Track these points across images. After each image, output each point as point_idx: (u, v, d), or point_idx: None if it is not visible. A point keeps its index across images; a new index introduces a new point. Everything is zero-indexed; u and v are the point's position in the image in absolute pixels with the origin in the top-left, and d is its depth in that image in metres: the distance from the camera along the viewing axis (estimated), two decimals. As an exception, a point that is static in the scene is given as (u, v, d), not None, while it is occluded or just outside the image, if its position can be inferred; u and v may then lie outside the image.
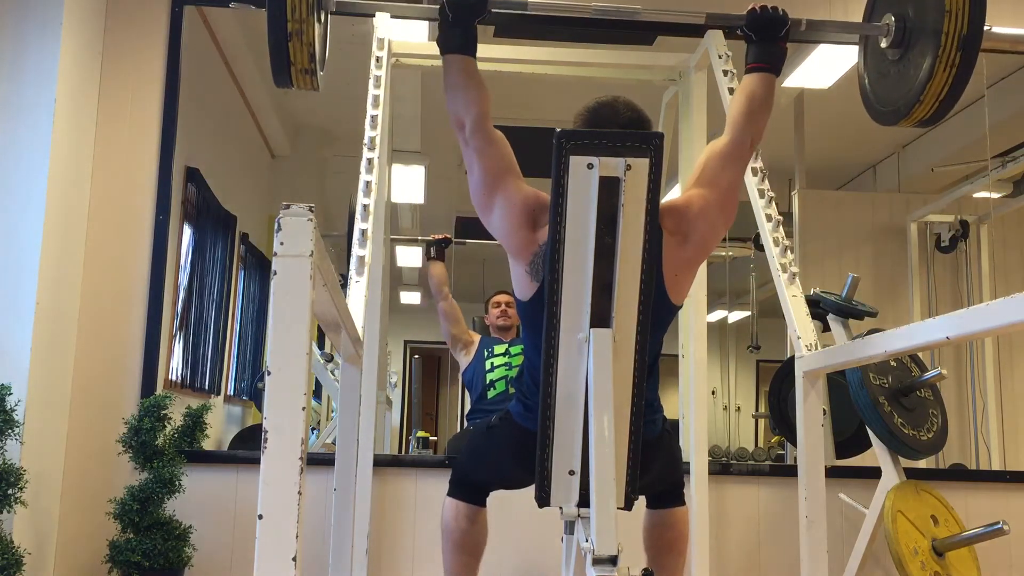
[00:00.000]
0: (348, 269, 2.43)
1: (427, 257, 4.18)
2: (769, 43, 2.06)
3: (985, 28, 1.87)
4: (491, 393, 3.90)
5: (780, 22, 2.05)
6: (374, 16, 3.44)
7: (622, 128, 1.89)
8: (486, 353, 3.99)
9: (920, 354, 3.43)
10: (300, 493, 1.26)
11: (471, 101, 1.99)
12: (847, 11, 3.85)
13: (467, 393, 4.27)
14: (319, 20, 1.82)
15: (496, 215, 1.98)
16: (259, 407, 4.93)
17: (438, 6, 1.99)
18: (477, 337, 4.10)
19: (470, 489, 2.19)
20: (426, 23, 3.75)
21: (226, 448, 4.39)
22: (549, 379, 1.76)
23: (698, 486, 3.26)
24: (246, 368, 5.05)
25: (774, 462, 4.90)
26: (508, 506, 2.33)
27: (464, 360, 4.05)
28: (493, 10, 2.01)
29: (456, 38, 2.01)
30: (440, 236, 4.16)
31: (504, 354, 3.96)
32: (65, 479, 3.19)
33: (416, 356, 5.72)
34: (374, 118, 2.88)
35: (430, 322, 4.15)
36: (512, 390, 3.62)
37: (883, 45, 2.06)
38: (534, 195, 1.98)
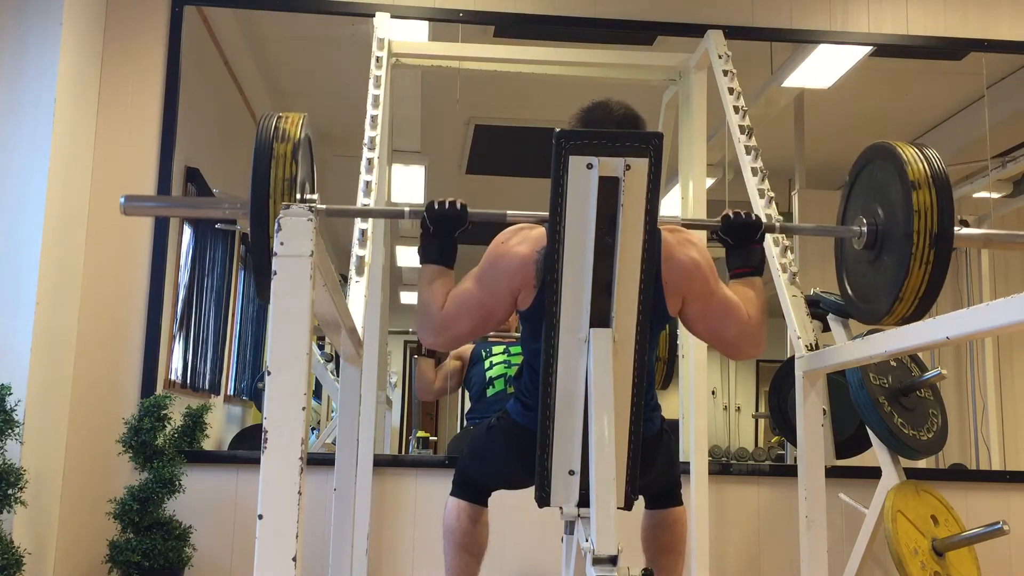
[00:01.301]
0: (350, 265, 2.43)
1: (418, 353, 3.95)
2: (746, 247, 2.09)
3: (955, 231, 1.92)
4: (490, 391, 3.89)
5: (754, 227, 2.08)
6: (374, 16, 3.45)
7: (617, 126, 1.91)
8: (484, 354, 3.98)
9: (920, 354, 3.43)
10: (300, 493, 1.26)
11: (434, 302, 2.02)
12: (847, 15, 3.86)
13: (467, 394, 4.27)
14: None
15: (506, 293, 1.98)
16: (259, 407, 4.92)
17: (420, 220, 2.01)
18: (467, 351, 4.08)
19: (472, 489, 2.19)
20: (426, 23, 3.75)
21: (226, 448, 4.39)
22: (549, 379, 1.76)
23: (698, 486, 3.26)
24: (246, 368, 5.04)
25: (774, 462, 4.89)
26: (508, 506, 2.32)
27: (464, 372, 4.04)
28: (472, 222, 2.01)
29: (435, 250, 2.04)
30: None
31: (503, 352, 3.96)
32: (65, 479, 3.19)
33: (416, 356, 5.71)
34: (374, 118, 2.89)
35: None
36: (511, 389, 3.62)
37: (857, 248, 2.08)
38: (495, 245, 1.99)
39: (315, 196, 1.91)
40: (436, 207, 2.00)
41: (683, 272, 1.98)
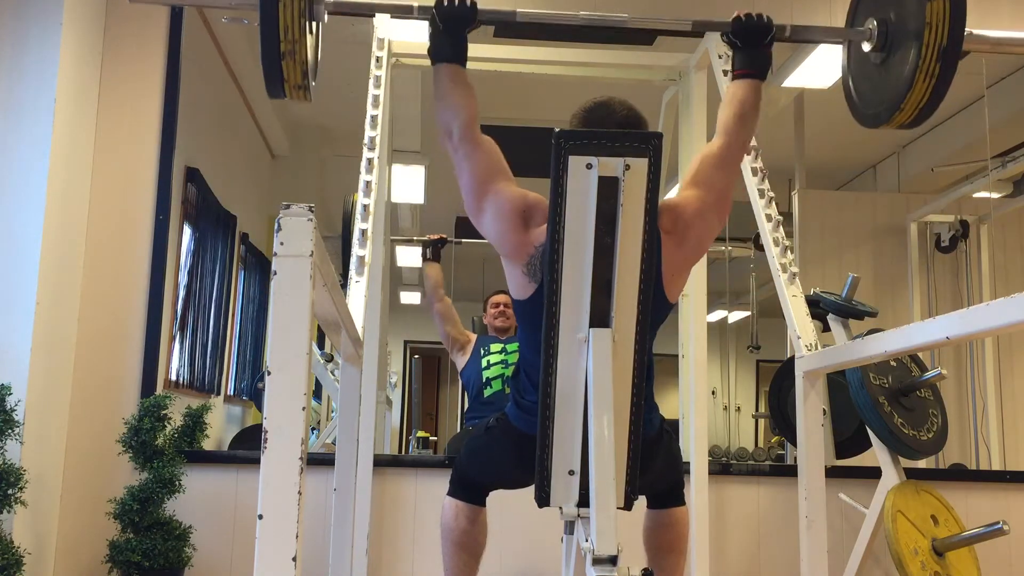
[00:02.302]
0: (346, 269, 2.43)
1: (423, 258, 4.18)
2: (754, 50, 2.09)
3: (966, 32, 1.89)
4: (487, 392, 3.90)
5: (765, 29, 2.07)
6: (374, 16, 3.44)
7: (618, 126, 1.91)
8: (482, 351, 3.99)
9: (920, 354, 3.43)
10: (300, 493, 1.26)
11: (459, 107, 2.01)
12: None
13: (465, 392, 4.27)
14: (311, 33, 1.82)
15: (487, 218, 1.99)
16: (259, 407, 4.93)
17: (428, 17, 2.01)
18: (474, 337, 4.10)
19: (470, 489, 2.19)
20: (426, 23, 3.75)
21: (226, 448, 4.39)
22: (548, 379, 1.76)
23: (698, 486, 3.26)
24: (246, 368, 5.05)
25: (774, 462, 4.90)
26: (508, 506, 2.33)
27: (461, 360, 4.04)
28: (482, 20, 2.02)
29: (446, 47, 2.03)
30: (436, 237, 4.14)
31: (501, 352, 3.96)
32: (65, 479, 3.19)
33: (416, 356, 5.72)
34: (374, 118, 2.88)
35: (430, 322, 4.14)
36: (508, 389, 3.63)
37: (866, 49, 2.07)
38: (522, 196, 1.98)
39: None
40: (445, 3, 1.98)
41: (691, 257, 2.03)
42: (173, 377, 3.80)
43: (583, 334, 1.72)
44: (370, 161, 2.74)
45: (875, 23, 2.04)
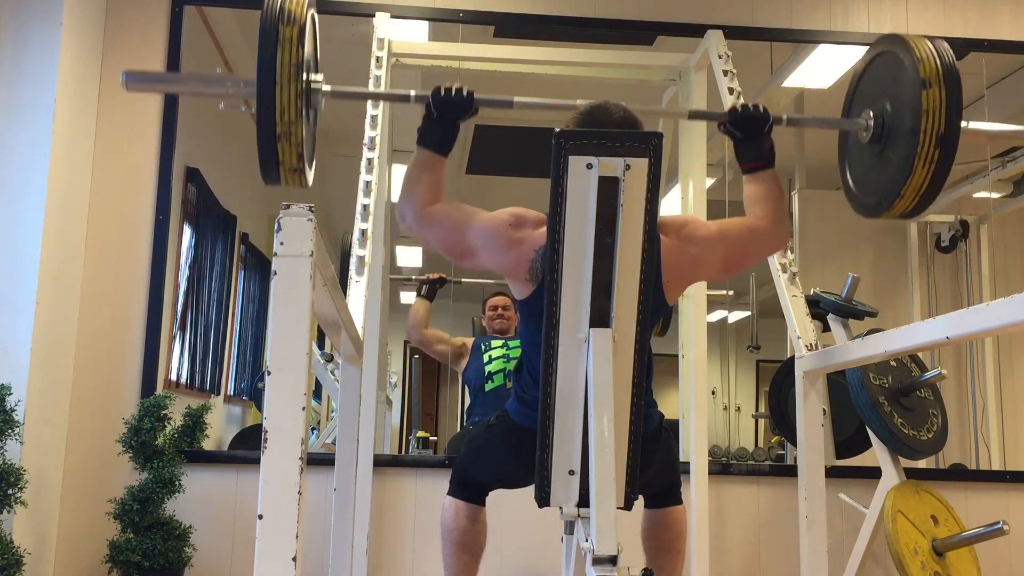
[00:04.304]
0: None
1: (417, 294, 4.11)
2: (755, 140, 2.07)
3: (962, 125, 1.90)
4: (488, 386, 3.90)
5: (762, 119, 2.05)
6: (374, 16, 3.45)
7: (616, 127, 1.91)
8: (483, 348, 3.99)
9: (920, 354, 3.43)
10: (300, 493, 1.26)
11: (419, 195, 2.01)
12: (847, 15, 3.86)
13: (467, 391, 4.27)
14: (307, 120, 1.81)
15: (481, 254, 2.01)
16: (259, 407, 4.92)
17: (424, 103, 2.00)
18: (470, 341, 4.09)
19: (470, 488, 2.19)
20: (426, 23, 3.75)
21: (226, 448, 4.39)
22: (549, 379, 1.76)
23: (698, 486, 3.26)
24: (246, 368, 5.04)
25: (774, 462, 4.89)
26: (508, 506, 2.33)
27: (462, 364, 4.05)
28: (478, 108, 2.00)
29: (435, 135, 2.03)
30: (435, 276, 4.11)
31: (502, 346, 3.97)
32: (65, 479, 3.19)
33: (416, 356, 5.71)
34: (374, 118, 2.89)
35: (430, 322, 4.13)
36: (510, 384, 3.63)
37: (863, 141, 2.08)
38: (502, 213, 2.00)
39: (319, 76, 1.89)
40: (442, 93, 1.98)
41: (686, 273, 2.04)
42: (173, 377, 3.80)
43: (583, 334, 1.72)
44: (370, 161, 2.74)
45: (871, 114, 2.05)
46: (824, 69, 4.06)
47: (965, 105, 1.88)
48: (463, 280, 4.31)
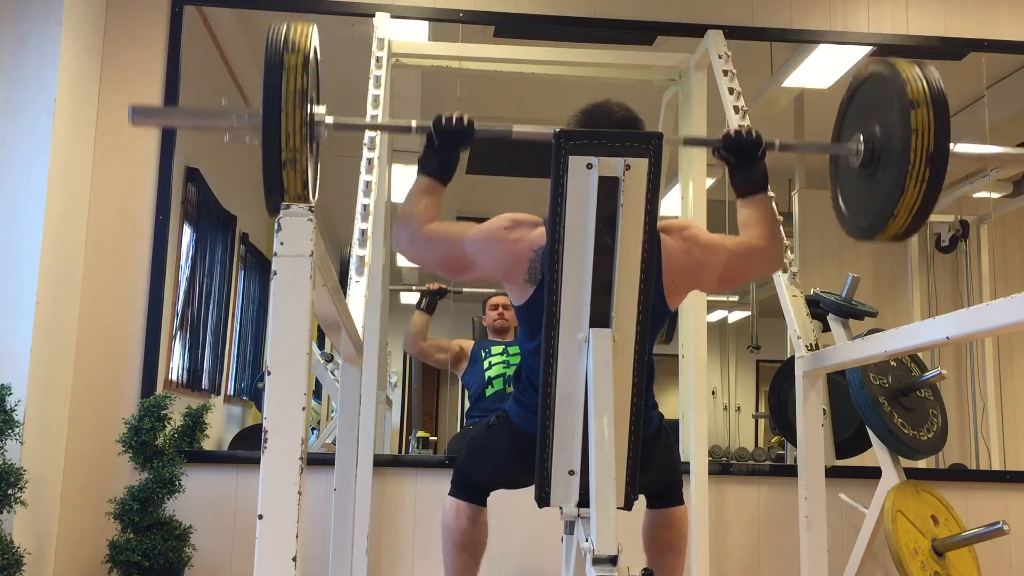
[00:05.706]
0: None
1: (417, 307, 4.08)
2: (750, 165, 2.08)
3: (951, 149, 1.91)
4: (488, 391, 3.89)
5: (755, 144, 2.06)
6: (374, 16, 3.45)
7: (617, 127, 1.90)
8: (483, 354, 3.98)
9: (920, 354, 3.43)
10: (300, 493, 1.26)
11: (416, 218, 2.01)
12: (847, 15, 3.86)
13: (466, 395, 4.27)
14: (311, 150, 1.81)
15: (480, 263, 2.01)
16: (259, 407, 4.92)
17: (426, 133, 2.01)
18: (467, 344, 4.08)
19: (471, 489, 2.19)
20: (426, 23, 3.75)
21: (226, 448, 4.39)
22: (549, 379, 1.76)
23: (698, 486, 3.26)
24: (246, 368, 5.04)
25: (774, 462, 4.89)
26: (508, 506, 2.32)
27: (461, 368, 4.04)
28: (479, 137, 2.01)
29: (435, 162, 2.05)
30: (436, 287, 4.10)
31: (502, 352, 3.96)
32: (65, 479, 3.19)
33: (416, 356, 5.70)
34: (374, 118, 2.88)
35: (430, 323, 4.13)
36: (510, 389, 3.63)
37: (854, 165, 2.08)
38: (496, 220, 2.00)
39: (322, 108, 1.90)
40: (443, 122, 1.99)
41: (688, 277, 2.03)
42: (173, 377, 3.80)
43: (583, 334, 1.72)
44: (370, 161, 2.74)
45: (862, 138, 2.05)
46: (824, 69, 4.06)
47: (965, 105, 1.89)
48: (464, 290, 4.31)
